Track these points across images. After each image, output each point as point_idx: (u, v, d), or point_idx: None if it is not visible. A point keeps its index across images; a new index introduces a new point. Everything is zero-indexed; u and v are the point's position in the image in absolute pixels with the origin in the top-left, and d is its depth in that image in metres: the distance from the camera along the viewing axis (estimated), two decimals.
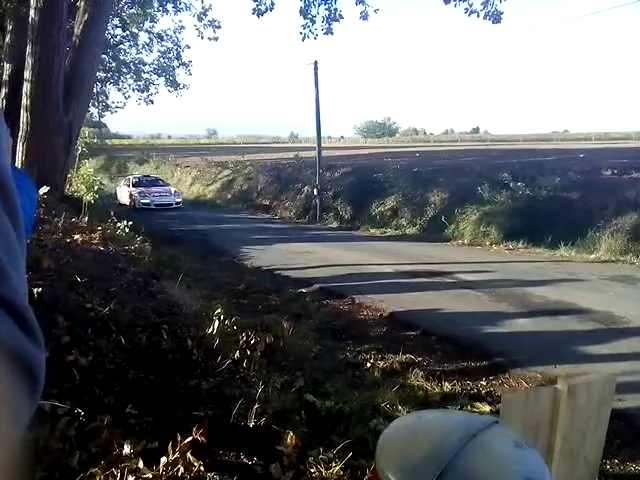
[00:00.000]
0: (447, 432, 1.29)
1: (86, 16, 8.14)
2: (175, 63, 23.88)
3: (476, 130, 75.62)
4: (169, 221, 12.93)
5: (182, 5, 18.03)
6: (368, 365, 3.87)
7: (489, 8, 9.20)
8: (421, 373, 3.67)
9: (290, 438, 2.47)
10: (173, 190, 18.16)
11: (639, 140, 36.35)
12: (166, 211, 16.00)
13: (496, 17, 9.20)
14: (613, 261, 7.84)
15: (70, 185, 10.29)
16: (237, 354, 3.34)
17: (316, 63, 16.03)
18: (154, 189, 17.49)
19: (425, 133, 76.85)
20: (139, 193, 16.99)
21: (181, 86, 24.41)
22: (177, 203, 17.27)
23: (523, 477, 1.17)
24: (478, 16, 9.26)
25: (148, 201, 16.66)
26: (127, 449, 2.03)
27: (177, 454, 2.04)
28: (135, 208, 16.15)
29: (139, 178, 18.80)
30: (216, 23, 16.53)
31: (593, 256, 8.19)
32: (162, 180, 19.56)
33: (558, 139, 41.20)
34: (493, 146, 30.20)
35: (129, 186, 17.78)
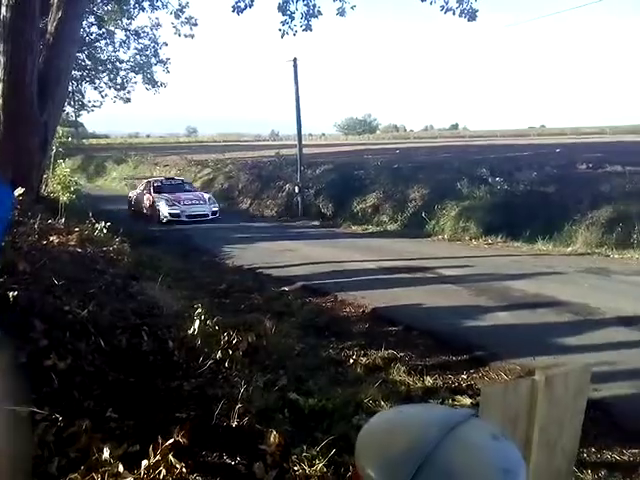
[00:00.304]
0: (426, 426, 1.31)
1: (60, 13, 7.96)
2: (153, 60, 23.63)
3: (455, 126, 76.29)
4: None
5: (159, 2, 17.82)
6: (351, 361, 3.89)
7: (464, 6, 9.31)
8: (403, 368, 3.70)
9: (273, 437, 2.47)
10: (206, 196, 14.53)
11: (614, 134, 37.18)
12: (199, 223, 12.88)
13: (471, 15, 9.32)
14: (589, 253, 8.02)
15: (46, 186, 10.08)
16: (219, 354, 3.32)
17: (295, 60, 16.01)
18: (183, 195, 14.04)
19: (405, 130, 77.24)
20: (165, 201, 13.50)
21: (159, 84, 24.17)
22: (213, 213, 13.70)
23: (499, 468, 1.19)
24: (454, 14, 9.36)
25: (178, 211, 13.24)
26: (107, 453, 2.01)
27: (158, 456, 2.03)
28: (160, 220, 13.15)
29: (161, 182, 15.24)
30: (193, 20, 16.43)
31: (570, 249, 8.36)
32: (188, 183, 16.35)
33: (535, 134, 41.88)
34: (472, 142, 30.58)
35: (150, 192, 14.24)
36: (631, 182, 9.55)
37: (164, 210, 13.34)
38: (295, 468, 2.34)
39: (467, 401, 3.22)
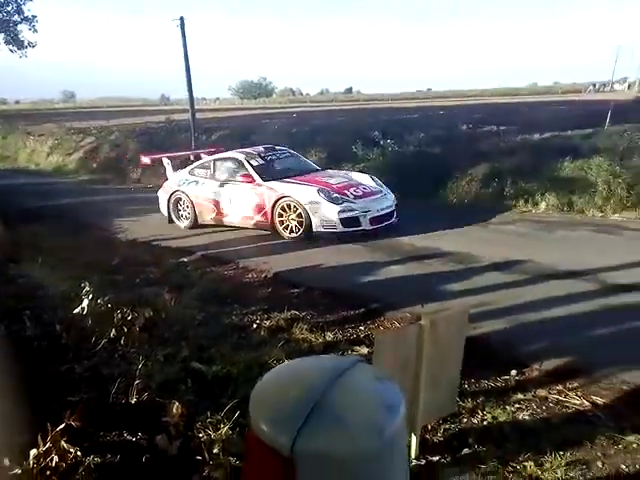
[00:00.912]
0: (315, 376, 1.37)
1: None
2: (16, 18, 20.78)
3: (349, 90, 77.60)
4: (24, 197, 11.43)
5: None
6: (254, 326, 3.92)
7: None
8: (305, 327, 3.82)
9: (176, 408, 2.45)
10: (366, 177, 7.66)
11: (491, 96, 40.43)
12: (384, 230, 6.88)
13: None
14: (470, 206, 8.76)
15: None
16: (113, 332, 3.17)
17: (182, 19, 15.11)
18: (333, 181, 7.24)
19: (302, 93, 76.99)
20: (324, 196, 6.70)
21: (26, 44, 21.42)
22: (395, 207, 7.20)
23: (382, 405, 1.29)
24: None
25: (355, 213, 6.66)
26: None
27: (49, 444, 1.91)
28: (310, 233, 6.72)
29: (260, 156, 7.76)
30: None
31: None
32: (296, 155, 8.77)
33: (422, 97, 44.03)
34: (365, 105, 31.36)
35: (253, 180, 7.27)
36: (504, 140, 10.51)
37: (326, 213, 6.61)
38: (200, 435, 2.35)
39: (365, 350, 3.42)
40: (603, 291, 4.38)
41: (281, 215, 6.95)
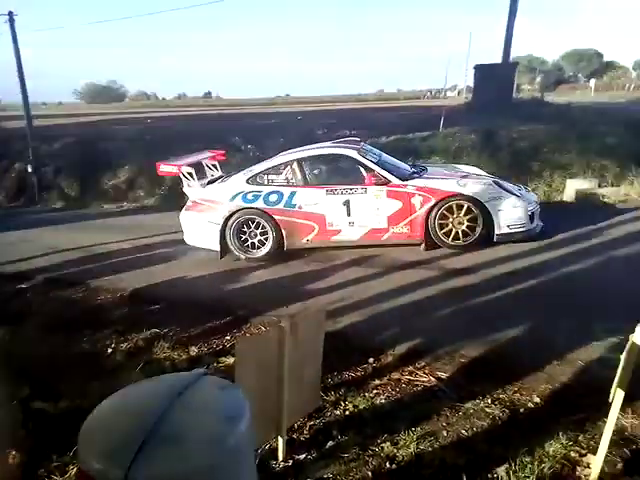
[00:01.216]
0: (152, 399, 1.30)
1: None
2: None
3: (208, 94, 76.02)
4: None
5: None
6: (109, 351, 3.64)
7: None
8: (167, 344, 3.66)
9: (12, 457, 2.17)
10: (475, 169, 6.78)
11: (345, 102, 42.82)
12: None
13: None
14: None
15: None
16: None
17: (11, 14, 13.43)
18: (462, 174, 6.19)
19: (157, 98, 73.33)
20: (499, 185, 5.65)
21: None
22: None
23: (224, 417, 1.28)
24: None
25: (532, 208, 5.68)
26: None
27: None
28: (491, 236, 5.49)
29: (367, 149, 6.31)
30: None
31: None
32: (371, 149, 6.48)
33: (281, 103, 44.92)
34: (225, 110, 30.96)
35: (383, 179, 5.66)
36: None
37: (514, 210, 5.44)
38: None
39: (230, 360, 3.37)
40: (443, 276, 4.90)
41: (442, 219, 5.61)
